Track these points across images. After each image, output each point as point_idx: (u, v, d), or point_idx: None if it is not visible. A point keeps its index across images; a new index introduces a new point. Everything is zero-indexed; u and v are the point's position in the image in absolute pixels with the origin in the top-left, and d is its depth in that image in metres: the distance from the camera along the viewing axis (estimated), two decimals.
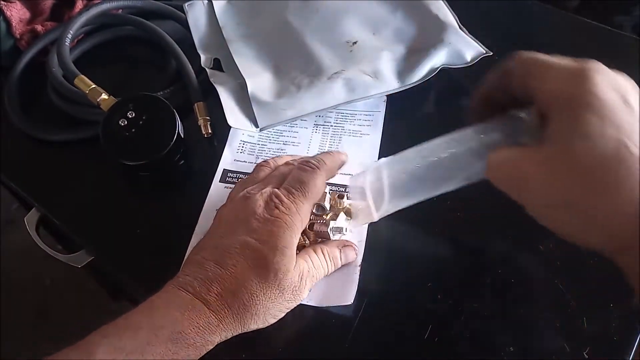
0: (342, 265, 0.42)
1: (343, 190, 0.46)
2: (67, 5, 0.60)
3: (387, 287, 0.42)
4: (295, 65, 0.53)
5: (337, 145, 0.50)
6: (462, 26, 0.54)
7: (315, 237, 0.42)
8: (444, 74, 0.51)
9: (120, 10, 0.60)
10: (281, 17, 0.57)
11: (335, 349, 0.39)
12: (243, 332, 0.36)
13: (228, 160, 0.50)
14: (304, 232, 0.42)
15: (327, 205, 0.43)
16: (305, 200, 0.39)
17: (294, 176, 0.40)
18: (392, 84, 0.51)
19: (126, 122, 0.48)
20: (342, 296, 0.40)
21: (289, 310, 0.38)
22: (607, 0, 0.92)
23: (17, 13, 0.58)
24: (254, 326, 0.37)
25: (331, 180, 0.47)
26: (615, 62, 0.55)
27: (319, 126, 0.52)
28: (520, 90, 0.33)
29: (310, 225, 0.42)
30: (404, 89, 0.51)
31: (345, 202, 0.44)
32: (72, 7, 0.59)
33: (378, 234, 0.44)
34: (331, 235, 0.43)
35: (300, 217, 0.38)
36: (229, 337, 0.36)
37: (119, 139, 0.47)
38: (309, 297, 0.40)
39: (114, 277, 0.46)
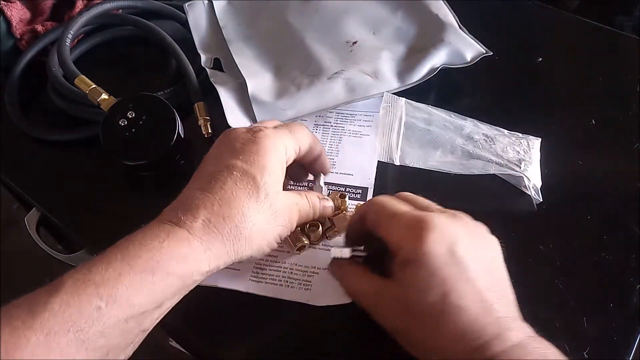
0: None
1: (344, 190, 0.47)
2: (67, 5, 0.60)
3: None
4: (295, 66, 0.53)
5: (337, 145, 0.50)
6: (462, 26, 0.54)
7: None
8: (443, 73, 0.51)
9: (120, 11, 0.60)
10: (281, 17, 0.57)
11: (335, 347, 0.39)
12: (237, 260, 0.35)
13: None
14: (302, 232, 0.42)
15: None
16: (291, 136, 0.38)
17: (282, 124, 0.40)
18: (392, 84, 0.51)
19: (126, 122, 0.48)
20: (342, 294, 0.40)
21: (282, 238, 0.37)
22: (607, 0, 0.92)
23: (18, 13, 0.58)
24: (248, 253, 0.35)
25: (332, 180, 0.47)
26: (615, 62, 0.56)
27: (319, 126, 0.52)
28: (375, 233, 0.36)
29: (310, 227, 0.42)
30: (404, 88, 0.51)
31: (348, 202, 0.44)
32: (72, 7, 0.59)
33: None
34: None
35: (284, 146, 0.37)
36: (220, 267, 0.34)
37: (119, 139, 0.47)
38: (308, 295, 0.40)
39: None
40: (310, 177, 0.45)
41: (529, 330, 0.32)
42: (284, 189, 0.37)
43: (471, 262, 0.32)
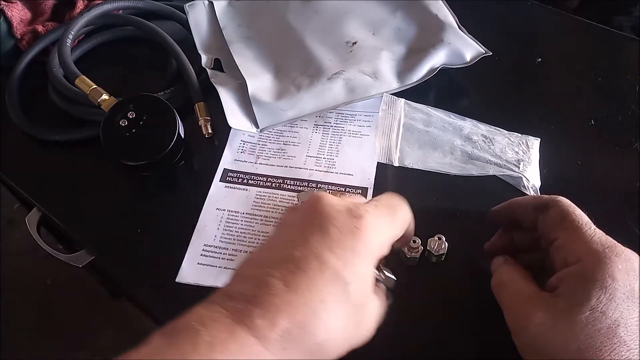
0: None
1: (344, 190, 0.47)
2: (68, 5, 0.60)
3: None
4: (296, 66, 0.53)
5: (337, 145, 0.50)
6: (461, 26, 0.55)
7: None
8: (443, 73, 0.51)
9: (121, 11, 0.60)
10: (281, 18, 0.57)
11: None
12: None
13: (228, 160, 0.50)
14: None
15: None
16: (392, 224, 0.33)
17: (384, 198, 0.34)
18: (392, 84, 0.51)
19: (127, 123, 0.48)
20: None
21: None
22: (607, 0, 0.92)
23: (18, 13, 0.58)
24: None
25: (332, 180, 0.47)
26: (614, 63, 0.56)
27: (319, 126, 0.52)
28: (543, 229, 0.35)
29: None
30: (403, 89, 0.51)
31: None
32: (73, 7, 0.60)
33: None
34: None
35: (383, 242, 0.32)
36: None
37: (120, 139, 0.47)
38: None
39: (114, 277, 0.46)
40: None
41: None
42: None
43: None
